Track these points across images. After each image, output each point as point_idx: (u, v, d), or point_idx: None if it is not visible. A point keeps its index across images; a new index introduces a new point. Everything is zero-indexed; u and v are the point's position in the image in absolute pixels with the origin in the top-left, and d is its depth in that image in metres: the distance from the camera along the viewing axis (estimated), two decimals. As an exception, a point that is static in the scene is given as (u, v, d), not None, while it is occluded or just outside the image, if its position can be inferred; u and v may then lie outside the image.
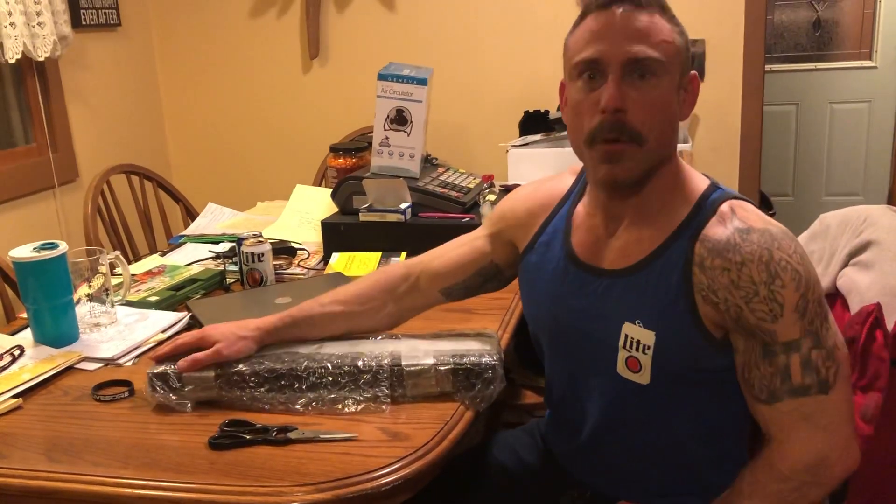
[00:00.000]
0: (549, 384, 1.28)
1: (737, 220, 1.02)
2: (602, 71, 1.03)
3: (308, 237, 2.07)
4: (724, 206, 1.04)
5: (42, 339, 1.44)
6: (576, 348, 1.16)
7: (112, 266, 1.59)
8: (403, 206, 1.86)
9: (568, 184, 1.23)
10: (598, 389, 1.15)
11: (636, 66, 1.01)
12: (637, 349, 1.05)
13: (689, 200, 1.07)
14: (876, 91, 4.33)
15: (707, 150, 2.90)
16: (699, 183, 1.09)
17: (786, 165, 4.51)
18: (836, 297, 1.28)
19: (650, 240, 1.07)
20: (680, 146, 2.58)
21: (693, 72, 1.09)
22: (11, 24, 2.43)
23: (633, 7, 1.03)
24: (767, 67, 2.89)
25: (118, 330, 1.50)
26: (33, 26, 2.52)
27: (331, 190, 2.03)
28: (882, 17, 4.24)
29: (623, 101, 1.01)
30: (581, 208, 1.18)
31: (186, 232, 2.23)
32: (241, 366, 1.19)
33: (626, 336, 1.06)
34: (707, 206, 1.05)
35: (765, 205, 3.59)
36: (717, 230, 1.02)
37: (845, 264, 1.26)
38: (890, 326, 1.08)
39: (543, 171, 1.41)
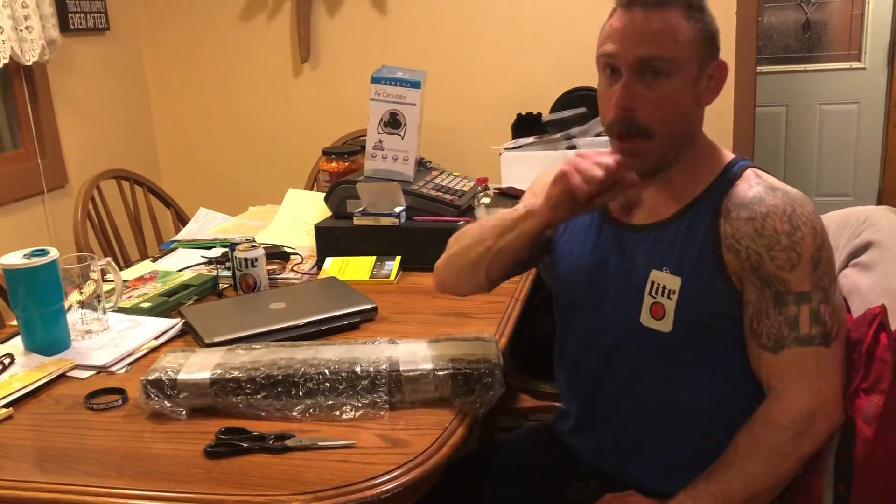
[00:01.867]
0: (563, 345, 1.31)
1: (762, 182, 1.12)
2: (618, 67, 1.11)
3: (301, 241, 2.05)
4: (749, 171, 1.14)
5: (33, 347, 1.42)
6: (603, 301, 1.21)
7: (103, 272, 1.57)
8: (398, 209, 1.85)
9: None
10: (621, 340, 1.19)
11: (647, 67, 1.09)
12: (662, 294, 1.12)
13: (716, 168, 1.16)
14: (865, 92, 4.35)
15: (699, 151, 2.90)
16: (725, 155, 1.19)
17: (776, 166, 4.53)
18: (835, 298, 1.27)
19: (679, 199, 1.16)
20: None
21: (720, 59, 1.15)
22: (-1, 28, 2.41)
23: (655, 7, 1.09)
24: (757, 69, 2.90)
25: (110, 337, 1.48)
26: (21, 30, 2.49)
27: (323, 194, 2.01)
28: (870, 19, 4.27)
29: (632, 100, 1.10)
30: None
31: (178, 237, 2.21)
32: (236, 372, 1.18)
33: (653, 283, 1.13)
34: (732, 171, 1.15)
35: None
36: (744, 187, 1.12)
37: (845, 265, 1.26)
38: (893, 328, 1.07)
39: (537, 174, 1.41)
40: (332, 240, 1.88)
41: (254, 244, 1.72)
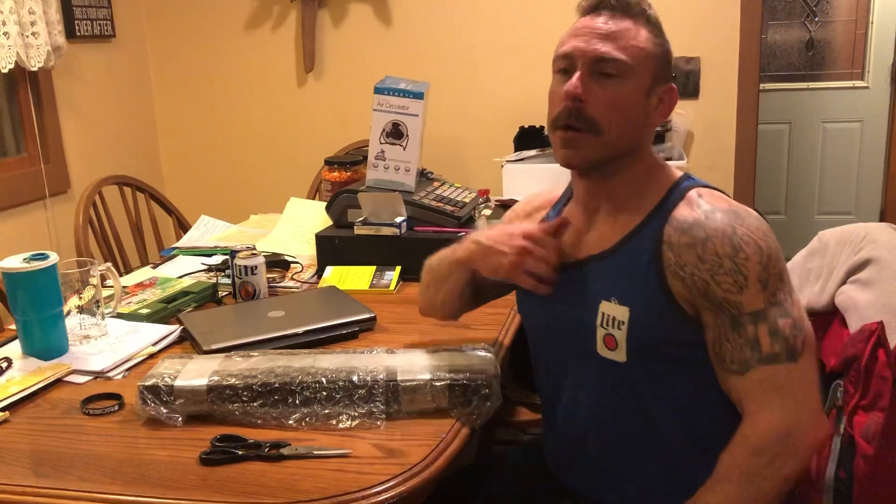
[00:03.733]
0: (539, 381, 1.32)
1: (704, 203, 1.10)
2: (573, 65, 1.12)
3: (302, 250, 2.05)
4: (693, 193, 1.12)
5: (30, 351, 1.42)
6: (561, 335, 1.21)
7: (103, 278, 1.57)
8: (398, 220, 1.85)
9: (561, 190, 1.32)
10: (582, 373, 1.19)
11: (602, 65, 1.10)
12: (613, 326, 1.11)
13: (660, 189, 1.15)
14: (868, 111, 4.36)
15: (702, 167, 2.90)
16: (672, 174, 1.18)
17: (778, 184, 4.53)
18: (834, 314, 1.27)
19: (624, 225, 1.15)
20: (675, 163, 2.58)
21: (671, 84, 1.16)
22: (5, 33, 2.42)
23: (618, 13, 1.12)
24: (761, 86, 2.91)
25: (108, 342, 1.48)
26: (27, 36, 2.50)
27: (325, 203, 2.02)
28: (874, 38, 4.28)
29: (584, 92, 1.10)
30: (569, 208, 1.27)
31: (178, 244, 2.22)
32: (233, 379, 1.18)
33: (603, 314, 1.12)
34: (677, 192, 1.13)
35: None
36: (685, 211, 1.10)
37: (844, 282, 1.26)
38: (892, 345, 1.07)
39: (538, 186, 1.42)
40: (332, 249, 1.88)
41: (254, 252, 1.72)
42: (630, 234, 1.13)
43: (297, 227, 2.17)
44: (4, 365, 1.37)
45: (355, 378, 1.17)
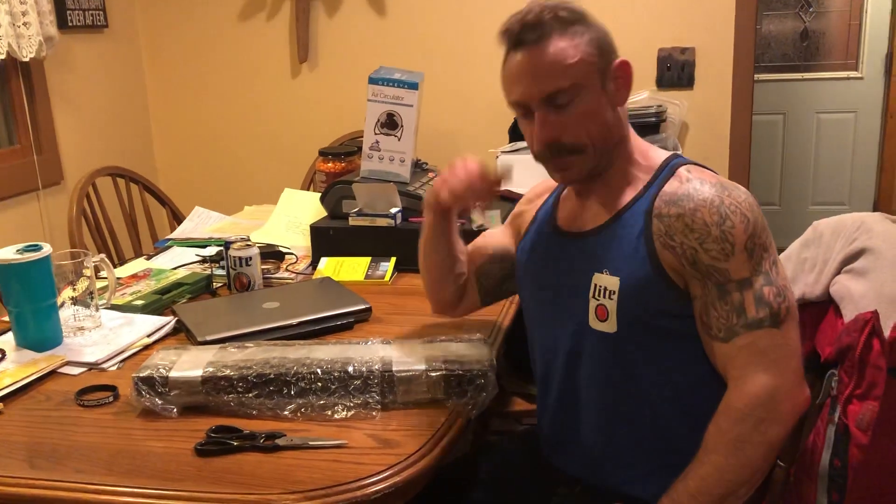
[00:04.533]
0: (534, 363, 1.33)
1: (692, 178, 1.13)
2: (529, 110, 1.16)
3: (296, 241, 2.05)
4: (682, 169, 1.16)
5: (24, 342, 1.41)
6: (557, 309, 1.23)
7: (97, 269, 1.56)
8: (393, 210, 1.85)
9: None
10: (575, 348, 1.20)
11: (554, 98, 1.13)
12: (604, 296, 1.14)
13: (650, 168, 1.19)
14: (862, 101, 4.36)
15: (697, 158, 2.84)
16: (659, 156, 1.21)
17: (773, 174, 4.54)
18: (829, 304, 1.28)
19: (616, 203, 1.19)
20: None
21: (619, 59, 1.18)
22: (-4, 23, 2.40)
23: (536, 43, 1.13)
24: (755, 77, 2.90)
25: (103, 334, 1.48)
26: (18, 26, 2.49)
27: (319, 194, 2.01)
28: (868, 29, 4.28)
29: (553, 131, 1.14)
30: (567, 190, 1.30)
31: (173, 235, 2.21)
32: (228, 371, 1.17)
33: (595, 285, 1.15)
34: (667, 169, 1.17)
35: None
36: (674, 185, 1.14)
37: (838, 271, 1.26)
38: (886, 335, 1.07)
39: (533, 177, 1.42)
40: (327, 240, 1.87)
41: (248, 243, 1.72)
42: (622, 210, 1.17)
43: (292, 218, 2.16)
44: (-2, 357, 1.36)
45: (351, 369, 1.17)
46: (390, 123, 1.96)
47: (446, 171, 1.31)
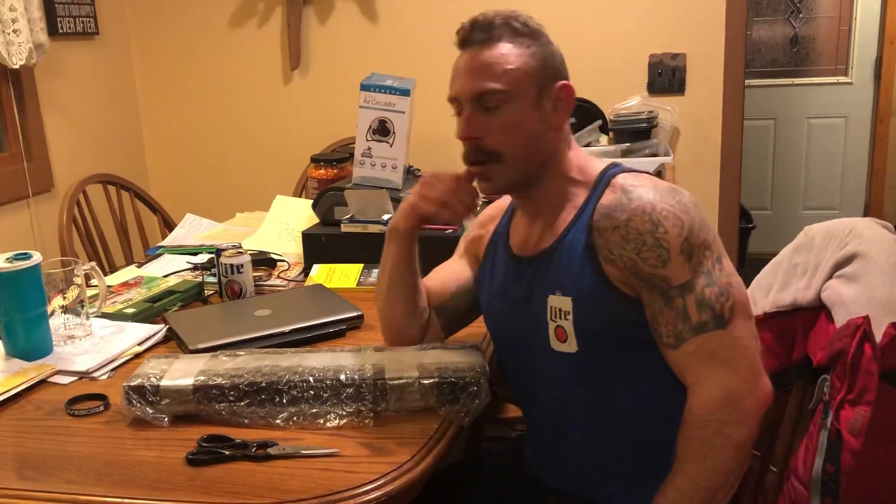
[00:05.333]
0: (511, 386, 1.33)
1: (626, 187, 1.13)
2: (461, 107, 1.17)
3: (288, 248, 2.04)
4: (617, 178, 1.16)
5: (14, 351, 1.40)
6: (521, 336, 1.23)
7: (87, 277, 1.56)
8: (385, 217, 1.84)
9: (510, 198, 1.34)
10: (543, 371, 1.20)
11: (484, 99, 1.14)
12: (560, 317, 1.15)
13: (588, 182, 1.19)
14: (852, 106, 4.38)
15: (688, 163, 2.91)
16: (597, 166, 1.20)
17: (764, 179, 4.55)
18: (820, 309, 1.28)
19: (561, 221, 1.19)
20: (661, 159, 2.59)
21: (563, 82, 1.18)
22: (-14, 30, 2.39)
23: (482, 43, 1.15)
24: (746, 82, 2.92)
25: (93, 342, 1.47)
26: (8, 34, 2.48)
27: (311, 201, 2.01)
28: (857, 34, 4.31)
29: (475, 130, 1.16)
30: (517, 214, 1.30)
31: (164, 243, 2.20)
32: (220, 379, 1.17)
33: (551, 308, 1.16)
34: (602, 181, 1.17)
35: (744, 218, 3.61)
36: (609, 197, 1.14)
37: (830, 276, 1.26)
38: (878, 340, 1.07)
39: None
40: (319, 247, 1.87)
41: (240, 250, 1.71)
42: (567, 228, 1.17)
43: (284, 225, 2.16)
44: (-13, 366, 1.35)
45: (343, 377, 1.17)
46: (382, 130, 1.96)
47: (418, 188, 1.29)
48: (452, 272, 1.40)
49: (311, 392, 1.16)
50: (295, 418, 1.15)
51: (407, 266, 1.31)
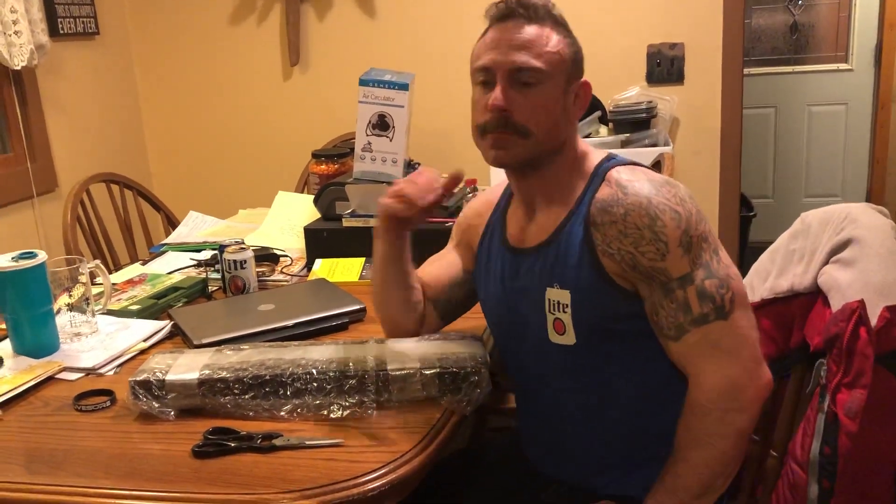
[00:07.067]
0: (510, 379, 1.33)
1: (621, 181, 1.13)
2: (493, 77, 1.15)
3: (291, 244, 2.05)
4: (612, 172, 1.16)
5: (21, 349, 1.42)
6: (519, 328, 1.23)
7: (92, 275, 1.57)
8: (386, 211, 1.85)
9: (500, 191, 1.35)
10: (542, 363, 1.21)
11: (520, 74, 1.13)
12: (558, 310, 1.15)
13: (585, 175, 1.19)
14: (852, 93, 4.38)
15: (688, 153, 2.92)
16: (595, 159, 1.21)
17: (765, 167, 4.55)
18: (817, 294, 1.29)
19: (558, 214, 1.19)
20: (661, 149, 2.59)
21: (585, 79, 1.20)
22: (-13, 32, 2.40)
23: (526, 20, 1.15)
24: (745, 71, 2.92)
25: (99, 339, 1.48)
26: (9, 35, 2.49)
27: (313, 196, 2.02)
28: (857, 21, 4.30)
29: (508, 102, 1.13)
30: (512, 204, 1.30)
31: (167, 240, 2.22)
32: (224, 373, 1.18)
33: (549, 300, 1.16)
34: (599, 174, 1.17)
35: (745, 206, 3.62)
36: (605, 191, 1.14)
37: (826, 262, 1.27)
38: (873, 323, 1.08)
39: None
40: (321, 241, 1.88)
41: (243, 246, 1.73)
42: (564, 221, 1.17)
43: (286, 220, 2.17)
44: (-5, 364, 1.37)
45: (346, 369, 1.18)
46: (382, 124, 1.97)
47: (398, 187, 1.27)
48: (445, 263, 1.40)
49: (315, 384, 1.17)
50: (299, 410, 1.16)
51: (394, 262, 1.31)
